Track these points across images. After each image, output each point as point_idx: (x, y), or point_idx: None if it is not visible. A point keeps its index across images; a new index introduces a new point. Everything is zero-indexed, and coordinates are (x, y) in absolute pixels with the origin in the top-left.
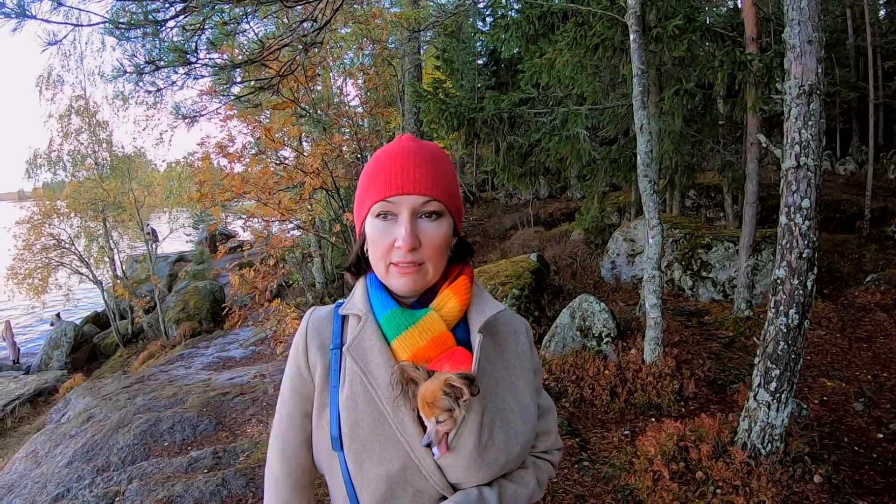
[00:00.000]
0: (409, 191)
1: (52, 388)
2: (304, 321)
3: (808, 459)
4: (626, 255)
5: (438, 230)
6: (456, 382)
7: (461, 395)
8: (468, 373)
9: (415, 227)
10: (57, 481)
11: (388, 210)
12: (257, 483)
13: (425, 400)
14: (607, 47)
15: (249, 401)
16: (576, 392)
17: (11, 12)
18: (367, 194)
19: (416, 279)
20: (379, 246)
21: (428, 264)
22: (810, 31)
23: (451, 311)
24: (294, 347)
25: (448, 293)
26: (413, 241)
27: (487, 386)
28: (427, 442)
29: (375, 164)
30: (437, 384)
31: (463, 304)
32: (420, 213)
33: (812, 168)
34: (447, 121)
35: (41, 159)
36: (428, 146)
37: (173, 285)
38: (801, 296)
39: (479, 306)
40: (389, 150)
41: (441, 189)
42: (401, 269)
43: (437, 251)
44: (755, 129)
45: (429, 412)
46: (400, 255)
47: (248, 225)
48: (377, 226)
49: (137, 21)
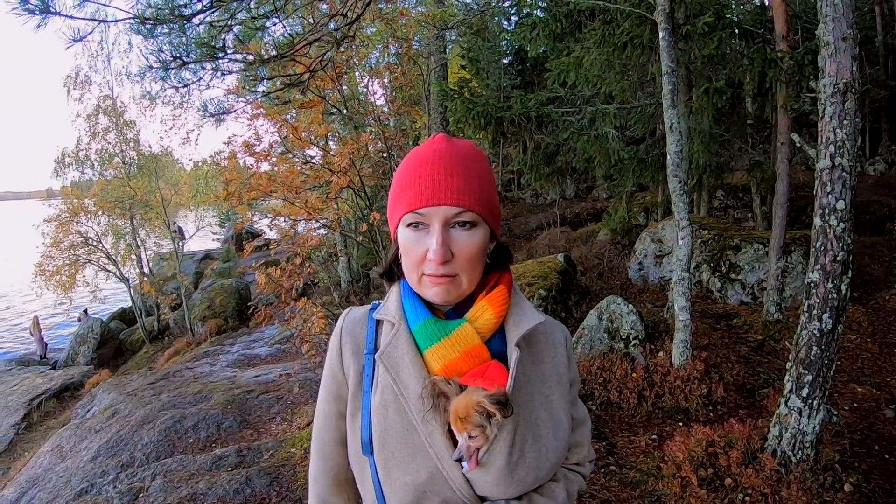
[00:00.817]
0: (441, 201)
1: (79, 383)
2: (339, 323)
3: (839, 467)
4: (653, 255)
5: (472, 240)
6: (489, 407)
7: (494, 415)
8: (502, 393)
9: (447, 239)
10: (81, 476)
11: (419, 220)
12: (281, 482)
13: (457, 415)
14: (636, 45)
15: (274, 399)
16: (603, 395)
17: (35, 8)
18: (398, 202)
19: (450, 290)
20: (411, 256)
21: (461, 275)
22: (845, 27)
23: (487, 324)
24: (329, 349)
25: (484, 304)
26: (445, 253)
27: (521, 400)
28: (458, 457)
29: (407, 170)
30: (469, 401)
31: (499, 316)
32: (453, 223)
33: (847, 168)
34: (474, 120)
35: (69, 158)
36: (462, 147)
37: (199, 283)
38: (835, 300)
39: (517, 317)
40: (422, 155)
41: (475, 197)
42: (433, 280)
43: (471, 262)
44: (786, 129)
45: (460, 427)
46: (432, 267)
47: (274, 223)
48: (409, 235)
49: (163, 16)
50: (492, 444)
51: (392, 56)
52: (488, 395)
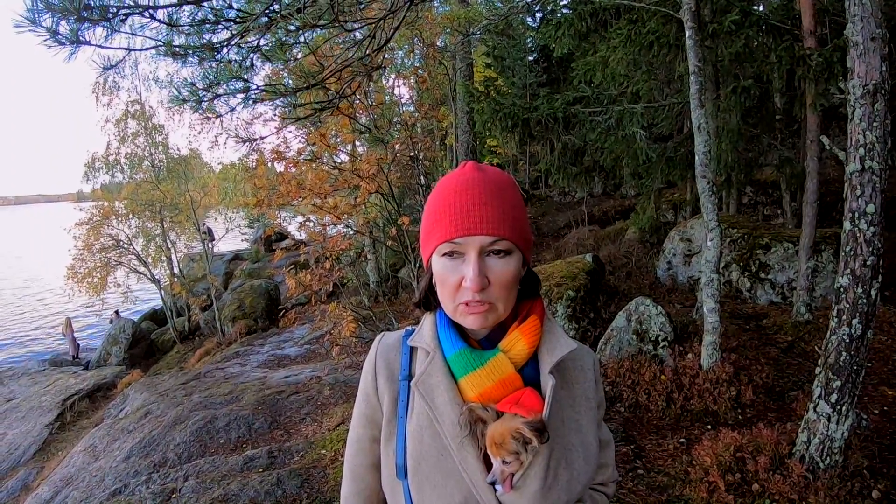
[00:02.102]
0: (477, 231)
1: (111, 383)
2: (374, 348)
3: (867, 473)
4: (682, 255)
5: (507, 267)
6: (526, 433)
7: (531, 441)
8: (539, 420)
9: (483, 267)
10: (114, 476)
11: (454, 249)
12: (311, 484)
13: (494, 441)
14: (662, 44)
15: (304, 400)
16: (631, 397)
17: (66, 40)
18: (432, 232)
19: (487, 316)
20: (447, 285)
21: (497, 303)
22: (873, 27)
23: (520, 354)
24: (364, 375)
25: (517, 334)
26: (482, 281)
27: (554, 426)
28: (492, 479)
29: (440, 199)
30: (506, 427)
31: (532, 346)
32: (488, 252)
33: (877, 171)
34: (501, 122)
35: (99, 162)
36: (493, 176)
37: (229, 283)
38: (865, 305)
39: (550, 345)
40: (454, 184)
41: (509, 226)
42: (470, 309)
43: (506, 289)
44: (815, 126)
45: (496, 453)
46: (468, 295)
47: (303, 225)
48: (444, 264)
49: (193, 45)
50: (527, 469)
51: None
52: (527, 423)
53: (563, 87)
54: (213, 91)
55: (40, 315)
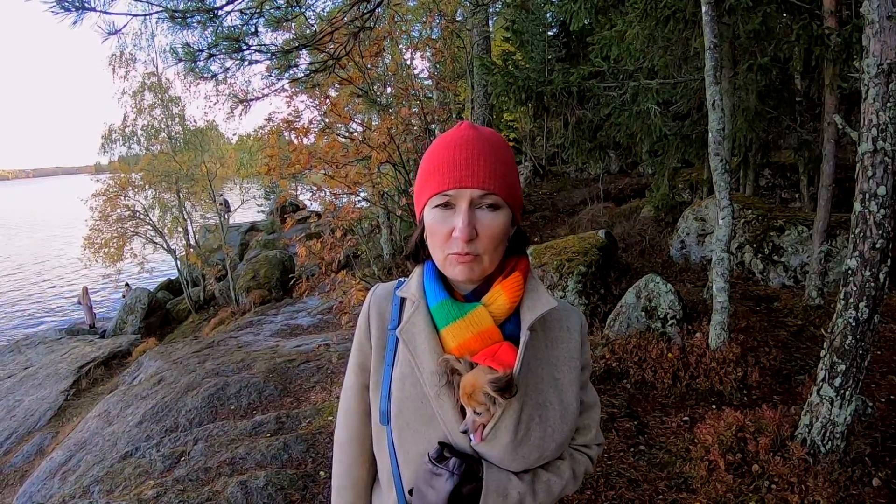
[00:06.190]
0: (468, 184)
1: (126, 351)
2: (368, 299)
3: (869, 461)
4: (696, 234)
5: (496, 221)
6: (490, 391)
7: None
8: (504, 377)
9: (472, 218)
10: (127, 440)
11: (446, 201)
12: (317, 449)
13: (465, 391)
14: (679, 20)
15: (314, 368)
16: (637, 374)
17: (71, 6)
18: (426, 185)
19: (473, 268)
20: (437, 235)
21: (484, 255)
22: (890, 5)
23: (500, 308)
24: (359, 323)
25: (499, 289)
26: (470, 231)
27: (530, 382)
28: (464, 429)
29: (435, 155)
30: (477, 379)
31: (513, 301)
32: (478, 205)
33: (889, 153)
34: (515, 94)
35: (116, 134)
36: (488, 135)
37: (244, 254)
38: (873, 288)
39: (531, 302)
40: (448, 140)
41: (499, 182)
42: (458, 259)
43: (494, 242)
44: (833, 108)
45: (468, 403)
46: (458, 246)
47: (316, 195)
48: (435, 216)
49: (192, 8)
50: (497, 422)
51: (434, 30)
52: (491, 381)
53: (583, 63)
54: (209, 52)
55: (59, 284)
